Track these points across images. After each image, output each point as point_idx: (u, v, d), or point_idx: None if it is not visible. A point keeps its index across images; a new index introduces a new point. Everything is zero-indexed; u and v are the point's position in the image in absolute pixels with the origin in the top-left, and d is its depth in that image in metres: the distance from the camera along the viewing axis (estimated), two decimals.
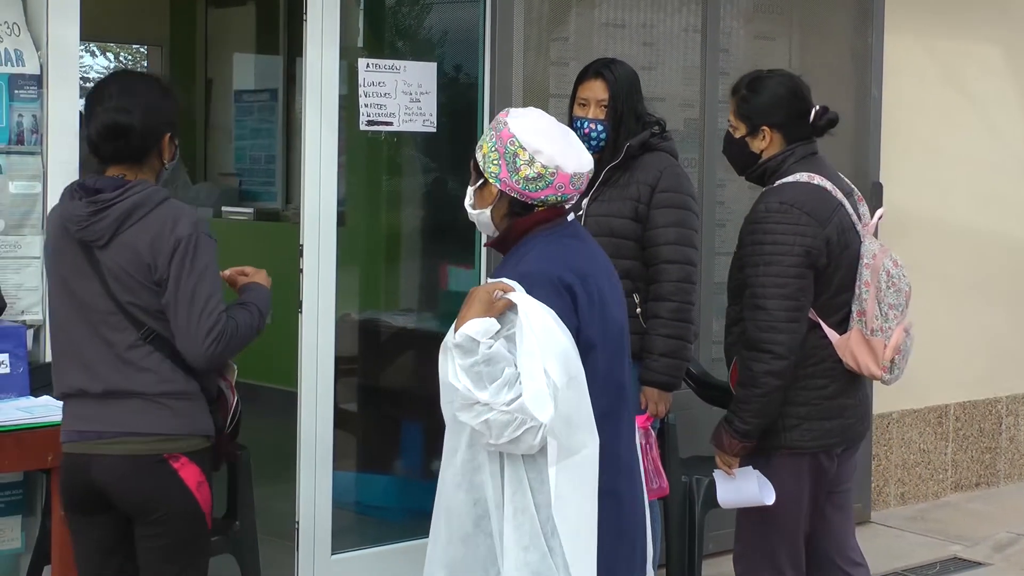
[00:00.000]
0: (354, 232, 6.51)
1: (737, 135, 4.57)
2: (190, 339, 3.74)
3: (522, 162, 3.44)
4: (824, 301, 4.41)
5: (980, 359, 8.20)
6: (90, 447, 3.82)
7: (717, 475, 4.54)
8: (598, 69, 5.06)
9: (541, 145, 3.45)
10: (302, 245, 5.47)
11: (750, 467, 4.46)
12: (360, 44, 6.54)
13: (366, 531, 6.20)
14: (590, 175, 3.55)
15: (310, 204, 5.51)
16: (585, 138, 4.94)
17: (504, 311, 3.32)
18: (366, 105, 5.63)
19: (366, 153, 6.59)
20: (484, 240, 3.70)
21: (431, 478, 6.57)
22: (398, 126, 5.75)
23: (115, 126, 3.79)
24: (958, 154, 7.93)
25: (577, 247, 3.54)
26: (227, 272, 4.06)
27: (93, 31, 11.22)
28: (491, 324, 3.27)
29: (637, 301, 4.93)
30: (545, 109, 5.84)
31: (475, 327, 3.25)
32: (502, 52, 5.82)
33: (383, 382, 6.85)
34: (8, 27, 4.80)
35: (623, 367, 3.59)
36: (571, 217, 3.60)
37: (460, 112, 6.21)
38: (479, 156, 3.54)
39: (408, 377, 6.84)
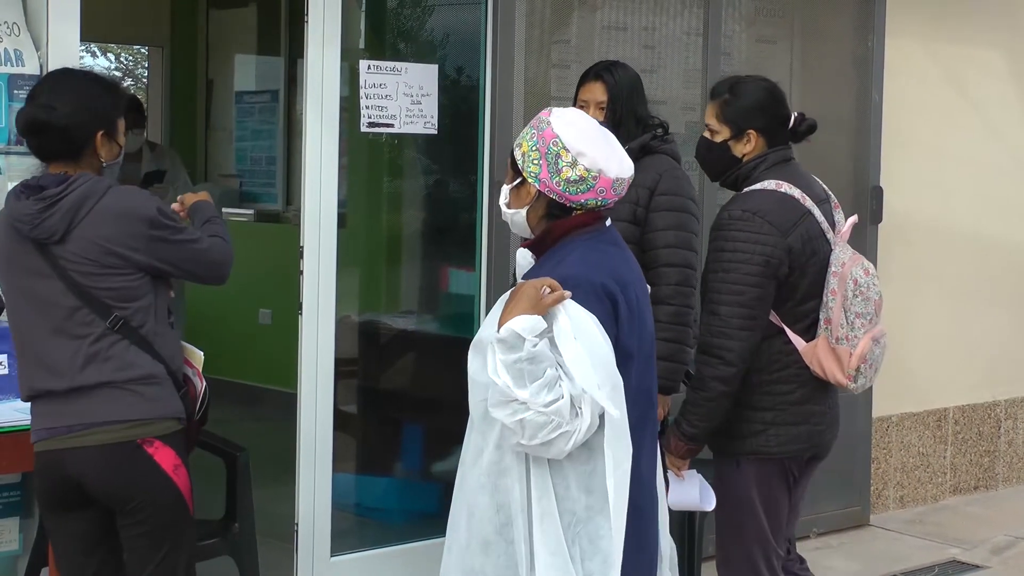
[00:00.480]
0: (355, 234, 6.51)
1: (718, 139, 4.55)
2: (213, 278, 4.05)
3: (564, 164, 3.36)
4: (789, 308, 4.40)
5: (980, 362, 8.20)
6: (62, 442, 3.82)
7: (670, 476, 4.52)
8: (598, 72, 5.05)
9: (585, 148, 3.37)
10: (302, 247, 5.46)
11: (694, 471, 4.51)
12: (361, 46, 6.54)
13: (366, 533, 6.19)
14: (631, 180, 3.48)
15: (310, 206, 5.50)
16: None
17: (548, 311, 3.26)
18: (367, 107, 5.62)
19: (367, 155, 6.59)
20: (521, 240, 3.59)
21: (431, 480, 6.62)
22: (399, 128, 5.74)
23: (34, 122, 3.84)
24: (959, 157, 7.93)
25: (617, 254, 3.47)
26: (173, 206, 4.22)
27: (94, 32, 11.21)
28: (538, 322, 3.21)
29: None
30: None
31: (522, 323, 3.18)
32: (503, 54, 5.81)
33: (383, 384, 6.84)
34: (8, 27, 4.79)
35: (652, 378, 3.56)
36: (609, 223, 3.52)
37: (461, 114, 6.21)
38: (518, 153, 3.44)
39: (408, 379, 6.84)
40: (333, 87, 5.51)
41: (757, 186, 4.41)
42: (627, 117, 4.96)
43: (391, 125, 5.72)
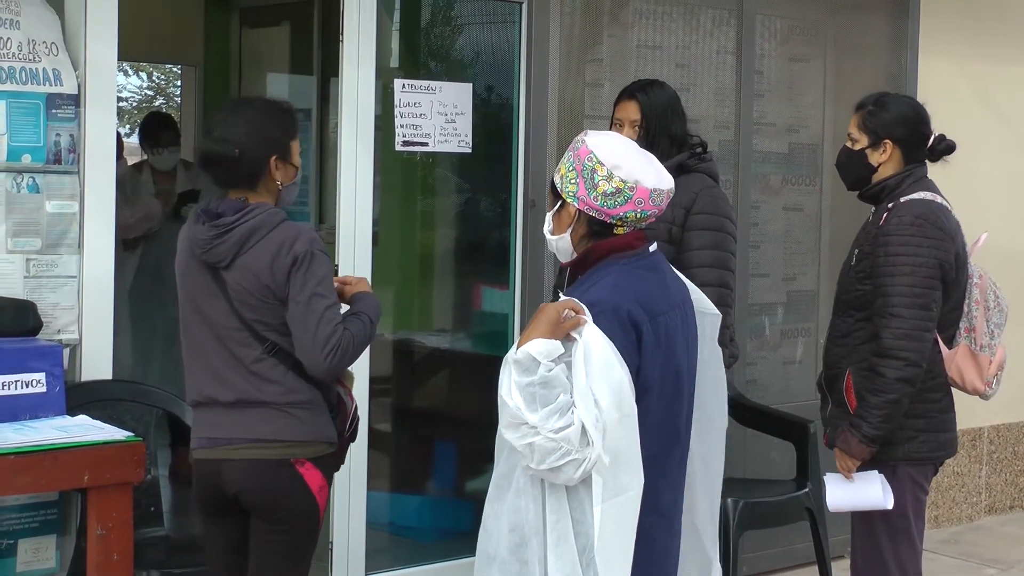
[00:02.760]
0: (389, 252, 6.52)
1: (857, 147, 4.71)
2: (311, 351, 3.93)
3: (600, 177, 3.33)
4: (941, 315, 4.54)
5: (1015, 381, 8.11)
6: (221, 453, 4.05)
7: (829, 478, 4.68)
8: (633, 91, 5.05)
9: (619, 160, 3.35)
10: (337, 265, 5.47)
11: (874, 471, 4.57)
12: (396, 64, 6.55)
13: (400, 552, 6.20)
14: (671, 194, 3.44)
15: (345, 224, 5.51)
16: None
17: (569, 333, 3.22)
18: (402, 125, 5.64)
19: (401, 173, 6.60)
20: (560, 263, 3.57)
21: (464, 498, 6.62)
22: (433, 146, 5.76)
23: (208, 156, 4.05)
24: (993, 175, 7.90)
25: (654, 280, 3.42)
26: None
27: (128, 51, 11.22)
28: (555, 346, 3.17)
29: None
30: (580, 130, 5.91)
31: (538, 347, 3.15)
32: (537, 73, 5.82)
33: (417, 402, 6.84)
34: (47, 47, 4.82)
35: (680, 413, 3.46)
36: (653, 247, 3.47)
37: (495, 133, 6.22)
38: (557, 179, 3.42)
39: (442, 397, 6.84)
40: (368, 106, 5.53)
41: (915, 196, 4.58)
42: (660, 136, 4.94)
43: (425, 144, 5.73)
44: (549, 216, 3.46)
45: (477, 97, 5.99)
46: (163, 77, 19.43)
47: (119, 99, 20.02)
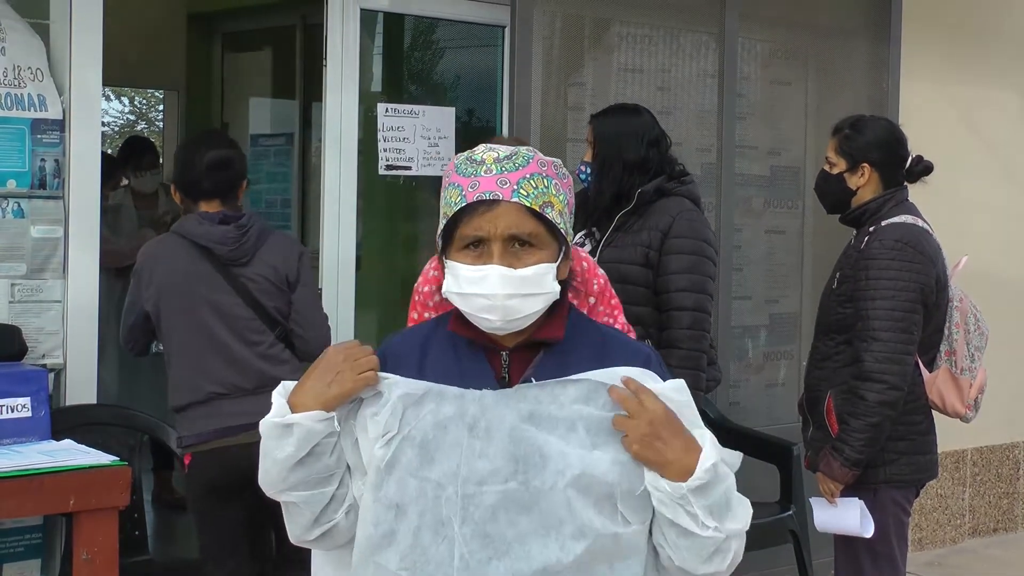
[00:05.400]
0: (372, 275, 6.52)
1: (835, 171, 4.73)
2: (322, 326, 4.67)
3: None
4: (922, 338, 4.56)
5: (997, 404, 8.13)
6: (252, 436, 4.10)
7: (815, 501, 4.69)
8: (593, 114, 5.12)
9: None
10: (320, 288, 5.48)
11: (855, 498, 4.58)
12: (379, 89, 6.57)
13: None
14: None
15: (329, 247, 5.53)
16: (575, 177, 5.02)
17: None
18: (385, 149, 5.66)
19: (385, 197, 6.61)
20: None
21: None
22: (417, 170, 5.78)
23: (225, 158, 4.60)
24: (976, 198, 7.93)
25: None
26: None
27: (111, 76, 11.23)
28: (735, 457, 2.63)
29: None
30: (562, 154, 5.96)
31: (716, 453, 2.55)
32: (519, 97, 5.83)
33: None
34: (32, 72, 4.83)
35: None
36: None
37: None
38: (556, 216, 2.56)
39: None
40: (351, 129, 5.55)
41: (896, 219, 4.59)
42: (612, 160, 4.95)
43: (409, 168, 5.75)
44: (551, 269, 2.56)
45: (460, 121, 6.00)
46: (145, 102, 19.42)
47: (102, 123, 20.03)
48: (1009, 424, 8.27)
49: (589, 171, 5.02)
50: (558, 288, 2.56)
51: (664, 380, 2.60)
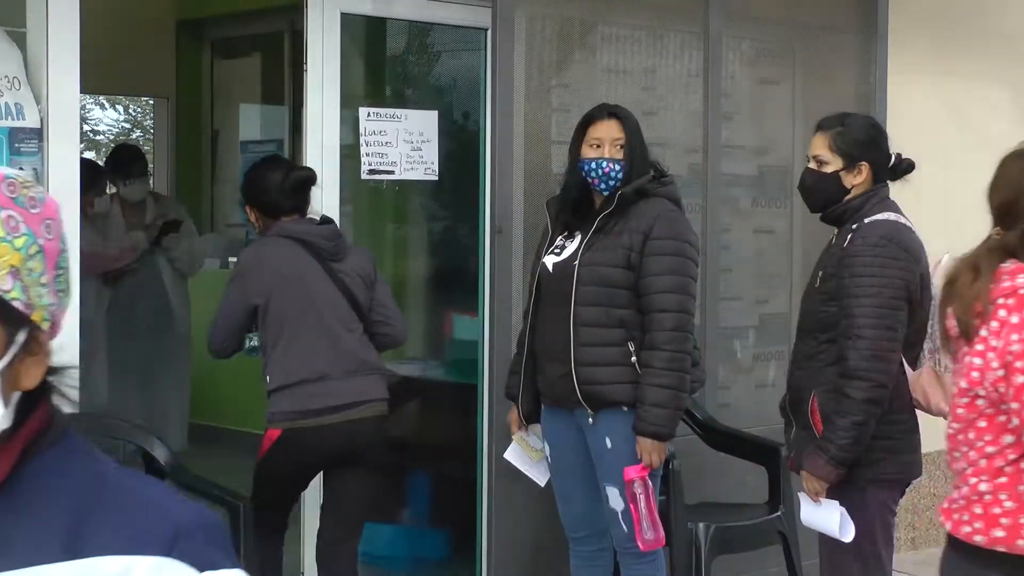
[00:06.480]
0: None
1: (829, 169, 4.67)
2: (401, 322, 5.30)
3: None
4: (905, 336, 4.54)
5: None
6: (346, 416, 4.93)
7: (802, 495, 4.66)
8: (610, 110, 5.07)
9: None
10: None
11: (836, 502, 4.54)
12: (361, 92, 6.55)
13: None
14: None
15: None
16: (605, 177, 4.96)
17: None
18: (368, 154, 5.63)
19: (369, 201, 6.59)
20: None
21: (437, 527, 6.59)
22: (400, 175, 5.75)
23: (312, 178, 5.16)
24: (967, 198, 7.83)
25: None
26: None
27: (101, 85, 11.27)
28: None
29: (632, 350, 4.89)
30: (547, 156, 5.95)
31: None
32: (503, 99, 5.81)
33: (388, 431, 6.82)
34: (8, 81, 4.80)
35: None
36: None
37: (462, 160, 6.21)
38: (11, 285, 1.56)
39: (413, 426, 6.82)
40: (332, 134, 5.52)
41: (880, 216, 4.57)
42: (640, 154, 4.99)
43: (391, 172, 5.72)
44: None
45: (444, 124, 5.98)
46: (139, 110, 19.43)
47: (96, 133, 20.06)
48: None
49: (619, 168, 4.96)
50: None
51: (208, 568, 1.57)
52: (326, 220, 5.17)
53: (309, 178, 5.14)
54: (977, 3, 8.02)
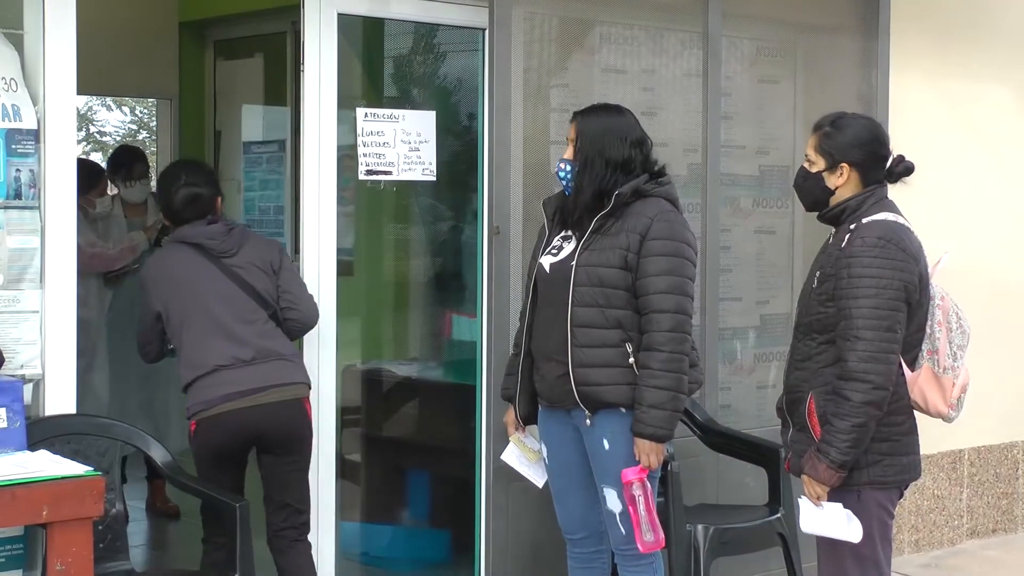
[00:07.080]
0: (357, 281, 6.50)
1: (814, 169, 4.68)
2: (310, 304, 5.31)
3: None
4: (904, 337, 4.51)
5: (995, 403, 8.11)
6: (252, 400, 5.03)
7: (803, 501, 4.62)
8: (575, 112, 5.13)
9: None
10: None
11: (839, 504, 4.52)
12: (358, 93, 6.54)
13: None
14: None
15: (309, 253, 5.51)
16: (561, 178, 5.07)
17: None
18: (365, 155, 5.63)
19: (367, 202, 6.58)
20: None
21: (437, 528, 6.58)
22: (397, 175, 5.74)
23: (192, 196, 5.30)
24: (972, 195, 7.88)
25: None
26: None
27: (104, 86, 11.27)
28: None
29: (629, 351, 4.88)
30: (545, 156, 5.94)
31: None
32: (501, 100, 5.80)
33: (387, 432, 6.82)
34: (5, 82, 4.80)
35: None
36: None
37: (460, 160, 6.20)
38: None
39: (413, 426, 6.82)
40: (329, 135, 5.52)
41: (877, 216, 4.55)
42: (594, 158, 4.96)
43: (389, 172, 5.72)
44: None
45: (441, 125, 5.97)
46: (146, 111, 19.45)
47: (103, 134, 20.04)
48: (1007, 424, 8.22)
49: (569, 169, 5.00)
50: None
51: None
52: (215, 220, 5.33)
53: (196, 196, 5.32)
54: (978, 3, 7.99)
